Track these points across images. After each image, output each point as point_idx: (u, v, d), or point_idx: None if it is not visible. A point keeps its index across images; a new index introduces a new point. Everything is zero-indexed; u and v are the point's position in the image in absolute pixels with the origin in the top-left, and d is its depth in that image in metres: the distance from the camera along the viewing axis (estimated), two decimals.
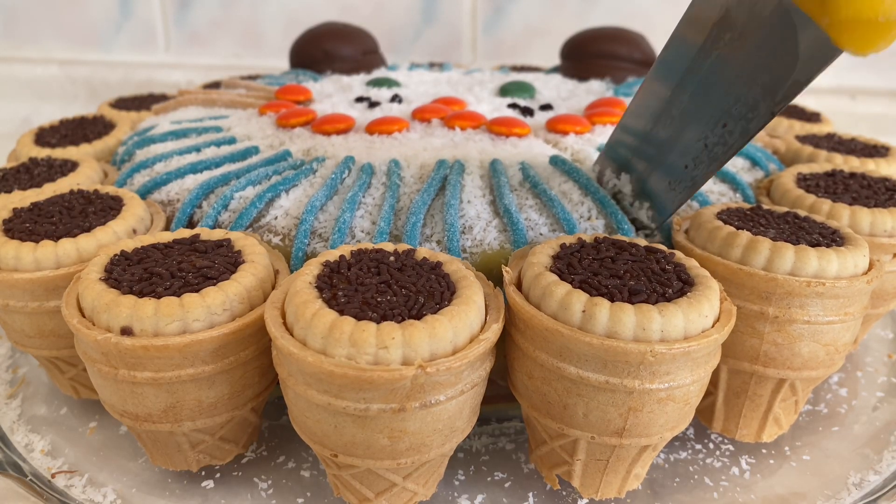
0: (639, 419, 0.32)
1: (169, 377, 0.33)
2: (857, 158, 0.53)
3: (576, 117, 0.52)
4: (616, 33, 0.73)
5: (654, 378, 0.31)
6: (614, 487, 0.36)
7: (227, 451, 0.38)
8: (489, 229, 0.40)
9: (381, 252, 0.34)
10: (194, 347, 0.32)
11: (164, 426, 0.34)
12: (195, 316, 0.32)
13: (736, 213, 0.40)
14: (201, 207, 0.44)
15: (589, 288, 0.32)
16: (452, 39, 1.03)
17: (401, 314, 0.30)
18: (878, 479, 0.39)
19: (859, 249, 0.37)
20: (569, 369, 0.31)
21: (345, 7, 1.02)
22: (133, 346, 0.31)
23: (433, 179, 0.43)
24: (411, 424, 0.30)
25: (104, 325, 0.32)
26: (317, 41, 0.75)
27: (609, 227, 0.41)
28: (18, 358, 0.50)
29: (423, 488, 0.34)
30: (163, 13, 1.07)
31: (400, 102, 0.60)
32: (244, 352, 0.34)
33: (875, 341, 0.53)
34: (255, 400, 0.36)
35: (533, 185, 0.43)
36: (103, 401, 0.36)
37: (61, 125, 0.62)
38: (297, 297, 0.30)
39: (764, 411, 0.40)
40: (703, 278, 0.33)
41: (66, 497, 0.36)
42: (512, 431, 0.43)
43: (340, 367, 0.28)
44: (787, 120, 0.64)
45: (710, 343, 0.31)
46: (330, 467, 0.34)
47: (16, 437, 0.42)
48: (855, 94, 0.98)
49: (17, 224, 0.40)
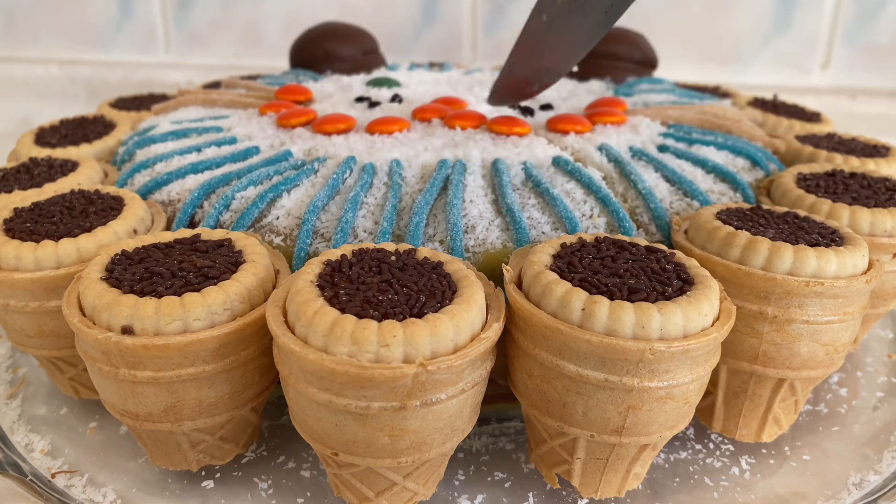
0: (638, 417, 0.32)
1: (169, 376, 0.33)
2: (857, 158, 0.53)
3: (576, 117, 0.52)
4: (616, 33, 0.73)
5: (653, 376, 0.31)
6: (614, 487, 0.36)
7: (227, 451, 0.38)
8: (492, 228, 0.40)
9: (382, 251, 0.34)
10: (195, 347, 0.32)
11: (164, 426, 0.34)
12: (196, 315, 0.32)
13: (735, 213, 0.41)
14: (202, 207, 0.44)
15: (588, 286, 0.32)
16: (452, 39, 1.03)
17: (402, 313, 0.30)
18: (878, 479, 0.39)
19: (858, 249, 0.37)
20: (568, 367, 0.31)
21: (345, 7, 1.02)
22: (134, 346, 0.31)
23: (435, 179, 0.43)
24: (412, 423, 0.30)
25: (105, 325, 0.32)
26: (317, 41, 0.75)
27: (611, 225, 0.41)
28: (18, 358, 0.50)
29: (423, 488, 0.34)
30: (163, 13, 1.07)
31: (400, 102, 0.60)
32: (244, 351, 0.34)
33: (875, 341, 0.53)
34: (255, 400, 0.36)
35: (535, 184, 0.43)
36: (104, 400, 0.36)
37: (61, 125, 0.62)
38: (299, 296, 0.30)
39: (764, 411, 0.40)
40: (703, 278, 0.33)
41: (66, 497, 0.36)
42: (512, 431, 0.43)
43: (342, 364, 0.28)
44: (788, 120, 0.64)
45: (710, 342, 0.31)
46: (330, 466, 0.34)
47: (16, 437, 0.42)
48: (855, 94, 0.98)
49: (17, 224, 0.40)
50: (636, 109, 0.58)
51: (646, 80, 0.70)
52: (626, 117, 0.54)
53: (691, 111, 0.58)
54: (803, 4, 0.94)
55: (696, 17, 0.98)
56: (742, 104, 0.68)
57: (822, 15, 0.95)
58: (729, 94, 0.73)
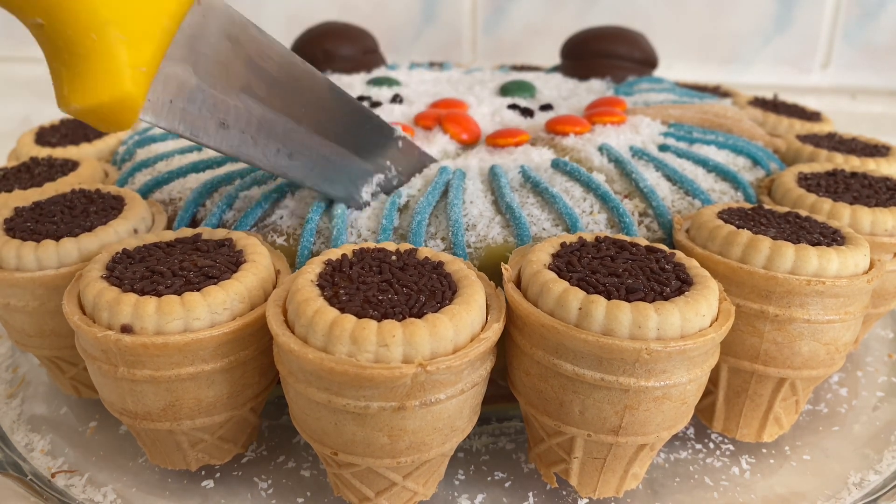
0: (635, 417, 0.32)
1: (168, 375, 0.33)
2: (858, 158, 0.53)
3: (575, 118, 0.52)
4: (616, 32, 0.73)
5: (649, 376, 0.31)
6: (612, 486, 0.36)
7: (226, 451, 0.38)
8: (492, 225, 0.40)
9: (383, 251, 0.34)
10: (194, 346, 0.32)
11: (163, 425, 0.34)
12: (196, 315, 0.32)
13: (737, 213, 0.40)
14: (205, 206, 0.44)
15: (586, 286, 0.32)
16: (452, 39, 1.03)
17: (402, 312, 0.30)
18: (878, 478, 0.39)
19: (860, 249, 0.37)
20: (565, 366, 0.31)
21: (345, 7, 1.02)
22: (133, 344, 0.31)
23: (437, 183, 0.43)
24: (411, 423, 0.30)
25: (105, 323, 0.32)
26: (317, 40, 0.75)
27: (611, 221, 0.41)
28: (18, 358, 0.50)
29: (423, 488, 0.34)
30: None
31: (400, 102, 0.60)
32: (244, 351, 0.34)
33: (875, 341, 0.53)
34: (254, 400, 0.36)
35: (534, 184, 0.43)
36: (103, 399, 0.36)
37: (62, 125, 0.62)
38: (299, 295, 0.30)
39: (764, 411, 0.40)
40: (702, 278, 0.33)
41: (66, 497, 0.36)
42: (512, 431, 0.43)
43: (341, 364, 0.28)
44: (788, 119, 0.64)
45: (707, 342, 0.31)
46: (330, 466, 0.34)
47: (16, 436, 0.42)
48: (855, 94, 0.98)
49: (18, 223, 0.40)
50: (636, 109, 0.58)
51: (646, 80, 0.70)
52: (626, 117, 0.54)
53: (692, 110, 0.58)
54: (803, 4, 0.94)
55: (696, 17, 0.98)
56: (742, 103, 0.68)
57: (822, 14, 0.95)
58: (729, 93, 0.73)
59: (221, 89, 0.34)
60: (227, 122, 0.35)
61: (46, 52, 0.30)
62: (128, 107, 0.30)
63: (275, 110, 0.37)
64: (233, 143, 0.35)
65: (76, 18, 0.29)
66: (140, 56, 0.30)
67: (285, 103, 0.38)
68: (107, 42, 0.29)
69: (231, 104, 0.35)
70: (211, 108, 0.34)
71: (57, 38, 0.29)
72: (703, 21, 0.97)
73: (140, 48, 0.30)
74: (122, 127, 0.31)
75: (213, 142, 0.34)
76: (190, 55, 0.33)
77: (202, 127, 0.34)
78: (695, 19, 0.97)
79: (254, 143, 0.36)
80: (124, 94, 0.29)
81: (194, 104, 0.33)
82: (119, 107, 0.30)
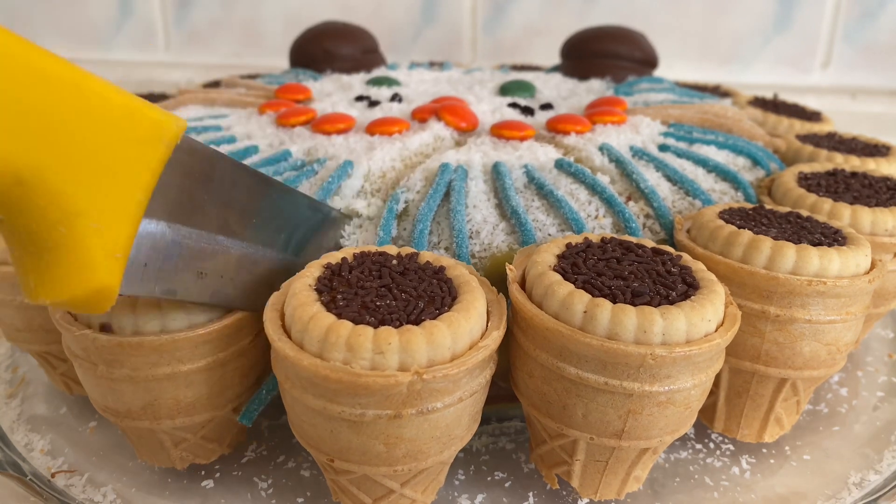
0: (638, 422, 0.32)
1: (146, 375, 0.33)
2: (858, 158, 0.53)
3: (576, 117, 0.52)
4: (616, 32, 0.73)
5: (654, 381, 0.30)
6: (613, 489, 0.36)
7: (211, 451, 0.38)
8: (496, 232, 0.40)
9: (384, 255, 0.34)
10: (170, 346, 0.32)
11: (143, 423, 0.35)
12: (173, 315, 0.32)
13: (738, 213, 0.40)
14: None
15: (591, 288, 0.32)
16: (452, 38, 1.03)
17: (399, 319, 0.29)
18: (878, 478, 0.39)
19: (861, 249, 0.37)
20: (568, 370, 0.31)
21: (345, 6, 1.02)
22: (110, 343, 0.32)
23: (438, 185, 0.42)
24: (408, 431, 0.30)
25: (85, 322, 0.32)
26: (317, 40, 0.75)
27: (616, 225, 0.41)
28: (18, 357, 0.50)
29: (421, 495, 0.34)
30: (163, 12, 1.07)
31: (400, 101, 0.59)
32: (222, 353, 0.34)
33: (876, 341, 0.53)
34: (235, 401, 0.36)
35: (539, 186, 0.43)
36: (89, 396, 0.36)
37: None
38: (296, 300, 0.30)
39: (765, 411, 0.39)
40: (708, 282, 0.33)
41: (65, 497, 0.36)
42: (512, 431, 0.43)
43: (335, 371, 0.28)
44: (788, 119, 0.64)
45: (713, 348, 0.30)
46: (328, 472, 0.34)
47: (16, 436, 0.41)
48: (855, 94, 0.98)
49: None
50: (636, 109, 0.58)
51: (646, 80, 0.70)
52: (626, 117, 0.54)
53: (692, 110, 0.58)
54: (803, 4, 0.94)
55: (696, 17, 0.97)
56: (742, 103, 0.68)
57: (822, 14, 0.95)
58: (729, 93, 0.73)
59: (197, 237, 0.31)
60: (205, 270, 0.32)
61: (7, 241, 0.27)
62: (104, 297, 0.27)
63: (254, 244, 0.35)
64: (211, 290, 0.33)
65: (41, 215, 0.25)
66: (115, 241, 0.27)
67: (264, 233, 0.35)
68: (77, 234, 0.25)
69: (208, 250, 0.32)
70: (187, 260, 0.31)
71: (20, 233, 0.26)
72: (703, 21, 0.97)
73: (115, 231, 0.26)
74: (97, 312, 0.27)
75: (190, 297, 0.32)
76: (163, 208, 0.29)
77: (179, 282, 0.31)
78: (695, 19, 0.97)
79: (233, 285, 0.34)
80: (100, 285, 0.26)
81: (170, 261, 0.30)
82: (95, 298, 0.27)
